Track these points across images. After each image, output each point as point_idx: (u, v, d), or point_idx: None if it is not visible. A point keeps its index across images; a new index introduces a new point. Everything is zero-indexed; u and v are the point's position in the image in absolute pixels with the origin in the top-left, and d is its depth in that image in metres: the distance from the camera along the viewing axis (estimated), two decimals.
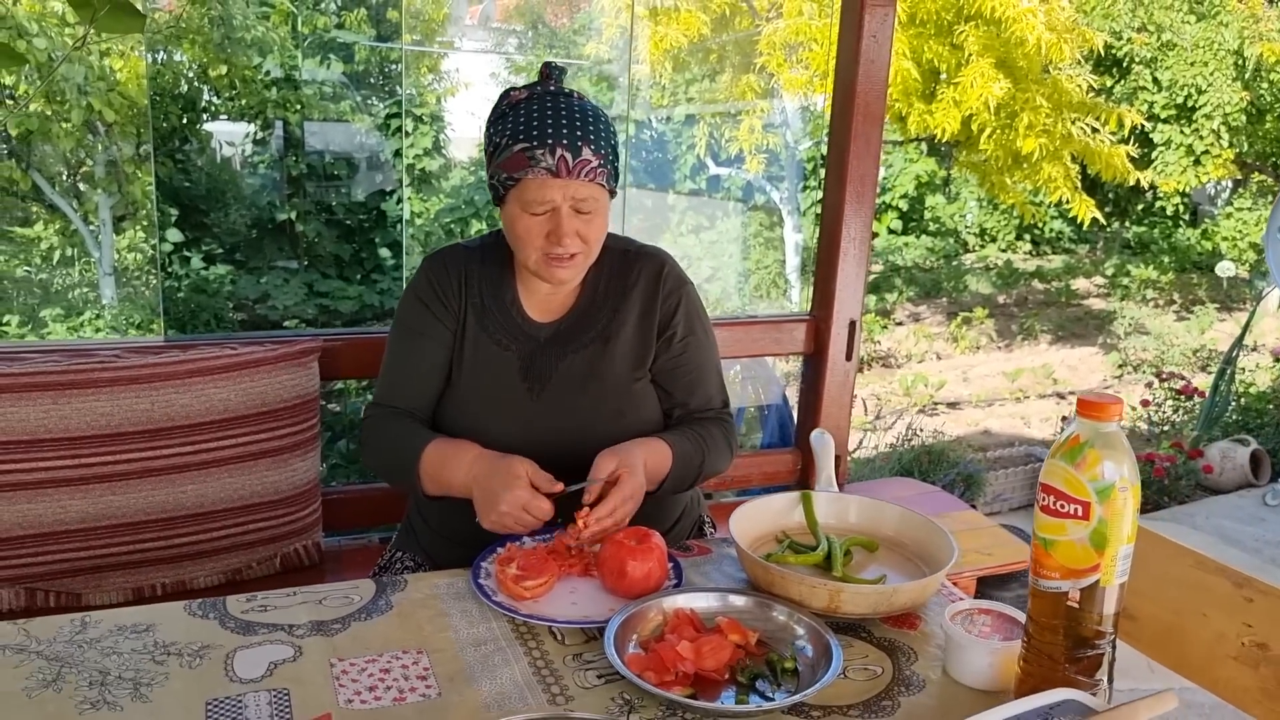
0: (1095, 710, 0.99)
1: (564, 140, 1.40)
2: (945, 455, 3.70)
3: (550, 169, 1.39)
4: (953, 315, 9.37)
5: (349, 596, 1.27)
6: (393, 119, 8.45)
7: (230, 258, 8.03)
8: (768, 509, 1.43)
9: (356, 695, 1.06)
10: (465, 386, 1.54)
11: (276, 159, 7.90)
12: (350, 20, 7.85)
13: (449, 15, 9.42)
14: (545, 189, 1.41)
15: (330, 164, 8.15)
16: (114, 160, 5.79)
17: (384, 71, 8.62)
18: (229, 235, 8.00)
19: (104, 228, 6.17)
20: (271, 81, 7.17)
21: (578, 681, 1.11)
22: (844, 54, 2.22)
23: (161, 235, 7.10)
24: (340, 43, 7.76)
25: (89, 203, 6.12)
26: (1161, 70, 8.99)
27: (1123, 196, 12.04)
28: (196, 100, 6.18)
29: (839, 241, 2.28)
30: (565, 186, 1.41)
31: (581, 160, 1.40)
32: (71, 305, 6.20)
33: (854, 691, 1.11)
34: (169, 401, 1.78)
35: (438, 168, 8.83)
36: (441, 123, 8.84)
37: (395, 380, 1.57)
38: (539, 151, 1.39)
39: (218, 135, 7.24)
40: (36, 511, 1.72)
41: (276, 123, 7.43)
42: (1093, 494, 0.98)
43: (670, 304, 1.56)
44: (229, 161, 8.03)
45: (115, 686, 1.06)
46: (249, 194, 8.04)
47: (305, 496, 1.92)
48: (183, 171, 7.25)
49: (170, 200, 7.07)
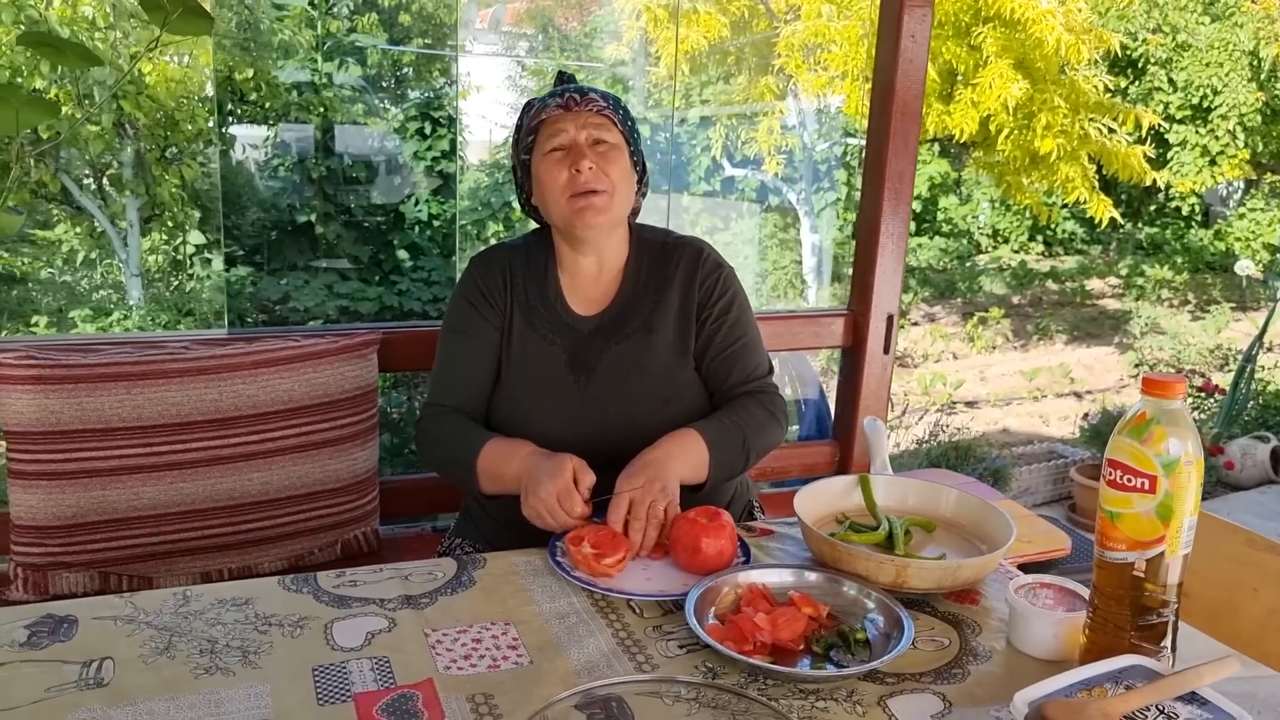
0: (1161, 674, 1.04)
1: (570, 91, 1.55)
2: (972, 451, 3.74)
3: (560, 105, 1.54)
4: (968, 315, 9.40)
5: (433, 573, 1.32)
6: (411, 122, 8.53)
7: (250, 259, 8.11)
8: (828, 491, 1.49)
9: (453, 663, 1.11)
10: (514, 381, 1.60)
11: (297, 161, 7.98)
12: (362, 24, 7.92)
13: (460, 19, 9.49)
14: (559, 122, 1.53)
15: (350, 167, 8.23)
16: (143, 162, 5.86)
17: (397, 75, 8.70)
18: (249, 237, 8.08)
19: (131, 229, 6.25)
20: (293, 85, 7.24)
21: (660, 651, 1.16)
22: (883, 54, 2.27)
23: (183, 237, 7.19)
24: (357, 46, 7.84)
25: (115, 205, 6.20)
26: (1177, 71, 9.02)
27: (1135, 197, 12.06)
28: (223, 103, 6.26)
29: (877, 237, 2.33)
30: (576, 117, 1.53)
31: (589, 99, 1.54)
32: (99, 306, 6.27)
33: (924, 660, 1.16)
34: (236, 392, 1.84)
35: (455, 170, 8.90)
36: (459, 126, 8.91)
37: (447, 379, 1.63)
38: (550, 100, 1.55)
39: (241, 138, 7.32)
40: (110, 498, 1.78)
41: (298, 126, 7.50)
42: (1159, 468, 1.03)
43: (709, 285, 1.62)
44: (250, 164, 8.11)
45: (224, 654, 1.11)
46: (269, 196, 8.12)
47: (364, 485, 1.98)
48: (205, 174, 7.33)
49: (192, 202, 7.15)
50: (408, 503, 2.14)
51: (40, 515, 1.75)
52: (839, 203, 8.97)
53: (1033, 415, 6.63)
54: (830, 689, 1.10)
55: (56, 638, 1.13)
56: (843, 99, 6.75)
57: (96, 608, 1.20)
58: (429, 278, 8.50)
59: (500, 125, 9.05)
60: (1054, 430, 6.23)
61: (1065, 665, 1.14)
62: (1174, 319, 9.18)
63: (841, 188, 9.03)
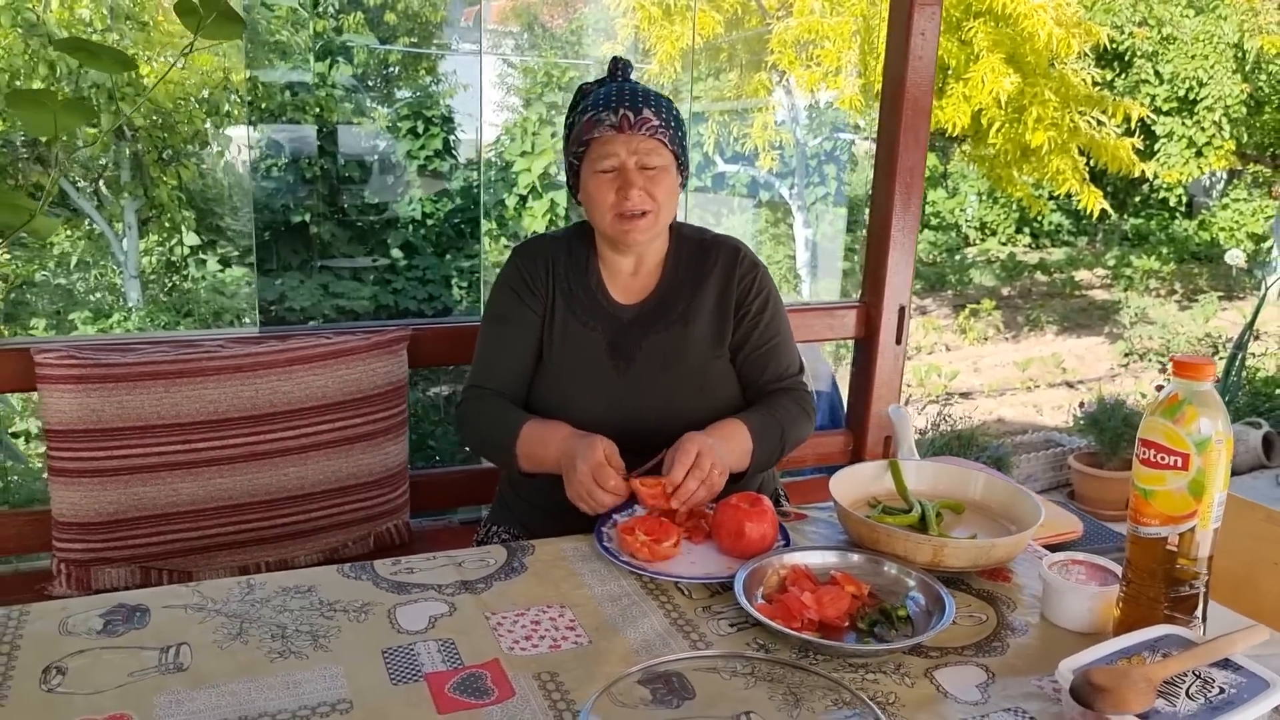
0: (1195, 642, 1.09)
1: (626, 103, 1.56)
2: (975, 439, 3.81)
3: (614, 125, 1.55)
4: (959, 307, 9.49)
5: (484, 560, 1.37)
6: (403, 121, 8.55)
7: (244, 260, 8.13)
8: (859, 476, 1.54)
9: (516, 644, 1.16)
10: (556, 366, 1.65)
11: (290, 162, 7.99)
12: (348, 23, 7.94)
13: (445, 18, 9.50)
14: (610, 144, 1.55)
15: (343, 166, 8.25)
16: (141, 164, 5.87)
17: (384, 74, 8.72)
18: (244, 237, 8.09)
19: (129, 231, 6.25)
20: (286, 85, 7.26)
21: (713, 630, 1.21)
22: (893, 51, 2.32)
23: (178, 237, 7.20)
24: (348, 46, 7.85)
25: (114, 207, 6.20)
26: (1163, 63, 9.11)
27: (1121, 189, 12.17)
28: (220, 105, 6.27)
29: (889, 230, 2.38)
30: (629, 141, 1.55)
31: (643, 118, 1.55)
32: (98, 308, 6.28)
33: (965, 635, 1.22)
34: (272, 389, 1.88)
35: (448, 169, 8.93)
36: (452, 124, 8.94)
37: (489, 363, 1.67)
38: (604, 113, 1.55)
39: (235, 139, 7.33)
40: (150, 494, 1.82)
41: (292, 126, 7.51)
42: (1192, 446, 1.09)
43: (746, 283, 1.68)
44: (245, 165, 8.12)
45: (295, 639, 1.16)
46: (263, 197, 8.13)
47: (396, 478, 2.02)
48: (200, 175, 7.34)
49: (187, 203, 7.16)
50: (436, 496, 2.18)
51: (82, 512, 1.79)
52: (829, 197, 9.03)
53: (1027, 405, 6.72)
54: (878, 662, 1.15)
55: (131, 625, 1.17)
56: (836, 94, 6.80)
57: (165, 597, 1.24)
58: (424, 276, 8.52)
59: (489, 124, 9.07)
60: (1048, 419, 6.31)
61: (1099, 637, 1.19)
62: (1162, 308, 9.29)
63: (832, 182, 9.10)
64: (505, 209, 8.73)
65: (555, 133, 8.30)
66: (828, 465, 2.57)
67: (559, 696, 1.06)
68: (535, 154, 8.47)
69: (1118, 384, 7.21)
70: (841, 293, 8.49)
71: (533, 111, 8.67)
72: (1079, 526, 2.22)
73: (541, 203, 8.26)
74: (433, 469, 2.32)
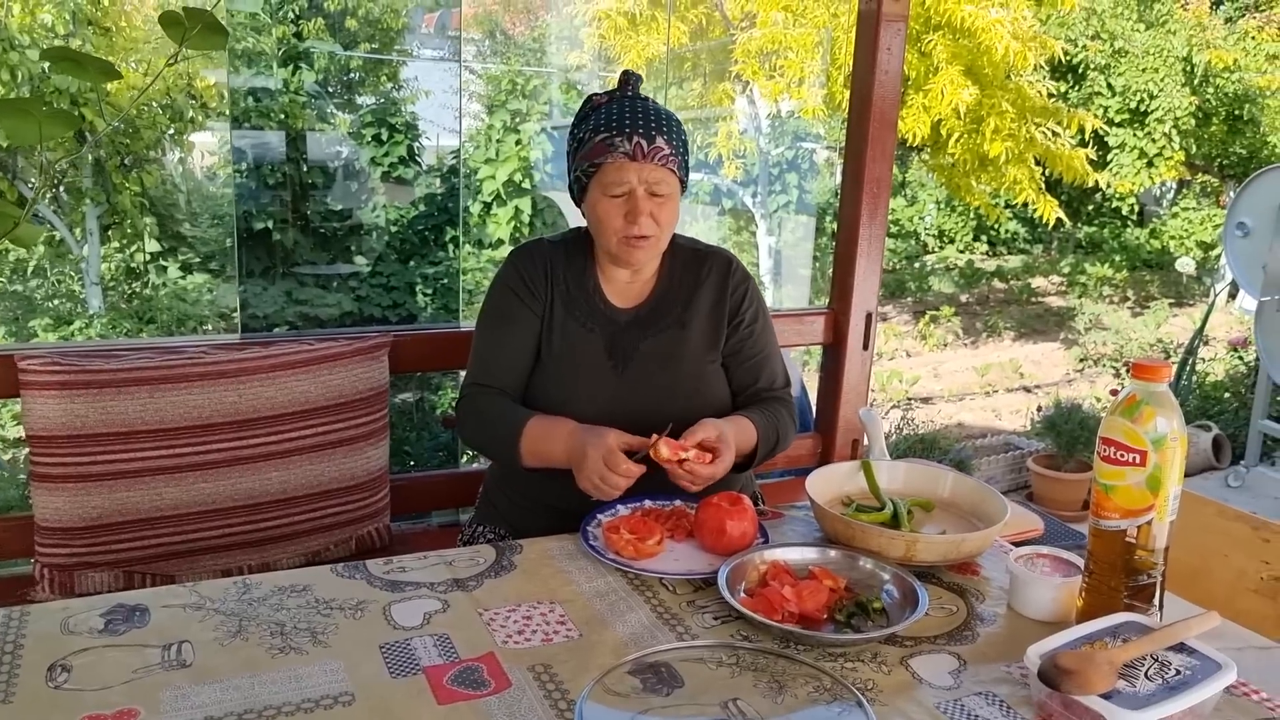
0: (1153, 628, 1.16)
1: (640, 129, 1.59)
2: (937, 443, 3.89)
3: (627, 153, 1.57)
4: (919, 314, 9.64)
5: (474, 559, 1.41)
6: (367, 128, 8.53)
7: (206, 266, 8.07)
8: (834, 475, 1.60)
9: (510, 638, 1.20)
10: (555, 365, 1.70)
11: (254, 168, 7.95)
12: (308, 29, 7.91)
13: (406, 24, 9.50)
14: (623, 171, 1.58)
15: (306, 173, 8.21)
16: (103, 170, 5.83)
17: (345, 80, 8.69)
18: (205, 244, 8.03)
19: (90, 237, 6.19)
20: (249, 91, 7.22)
21: (698, 623, 1.26)
22: (860, 65, 2.39)
23: (139, 244, 7.13)
24: (310, 52, 7.82)
25: (74, 213, 6.14)
26: (1115, 76, 9.34)
27: (1075, 197, 12.43)
28: (184, 111, 6.23)
29: (856, 239, 2.45)
30: (640, 169, 1.58)
31: (655, 147, 1.58)
32: (58, 315, 6.21)
33: (937, 625, 1.28)
34: (255, 394, 1.90)
35: (413, 176, 8.92)
36: (416, 131, 8.93)
37: (488, 361, 1.72)
38: (617, 139, 1.58)
39: (199, 145, 7.28)
40: (133, 499, 1.83)
41: (255, 132, 7.47)
42: (1149, 444, 1.16)
43: (739, 294, 1.74)
44: (206, 171, 8.06)
45: (294, 635, 1.19)
46: (225, 203, 8.08)
47: (377, 483, 2.05)
48: (162, 181, 7.28)
49: (149, 209, 7.09)
50: (415, 499, 2.21)
51: (65, 517, 1.80)
52: (791, 205, 9.14)
53: (986, 409, 6.85)
54: (856, 652, 1.21)
55: (132, 624, 1.20)
56: (799, 104, 6.91)
57: (163, 597, 1.27)
58: (388, 283, 8.49)
59: (449, 130, 9.07)
60: (1006, 423, 6.44)
61: (1063, 626, 1.25)
62: (1115, 315, 9.50)
63: (794, 190, 9.20)
64: (470, 216, 8.74)
65: (519, 140, 8.33)
66: (797, 468, 2.64)
67: (553, 687, 1.10)
68: (499, 161, 8.49)
69: (1074, 388, 7.37)
70: (808, 300, 8.59)
71: (496, 119, 8.68)
72: (1040, 525, 2.30)
73: (505, 210, 8.28)
74: (412, 473, 2.35)
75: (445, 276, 8.15)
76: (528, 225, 8.19)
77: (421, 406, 5.65)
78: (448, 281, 8.12)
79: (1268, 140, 9.95)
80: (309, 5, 7.73)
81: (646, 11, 7.05)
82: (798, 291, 8.96)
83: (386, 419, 2.07)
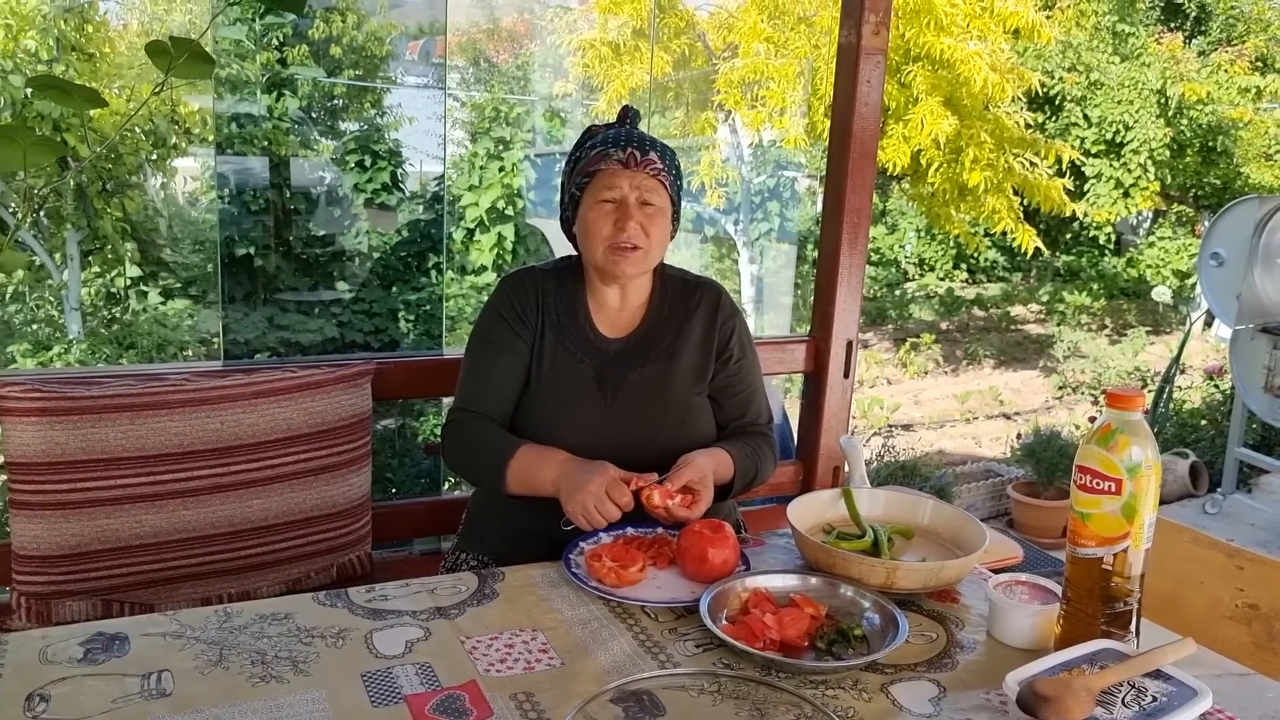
0: (1129, 655, 1.17)
1: (635, 144, 1.65)
2: (918, 470, 3.91)
3: (621, 160, 1.63)
4: (900, 341, 9.70)
5: (456, 587, 1.41)
6: (350, 155, 8.55)
7: (187, 292, 8.04)
8: (815, 503, 1.61)
9: (492, 666, 1.20)
10: (544, 393, 1.71)
11: (236, 194, 7.95)
12: (292, 56, 7.95)
13: (391, 52, 9.56)
14: (615, 177, 1.63)
15: (289, 198, 8.21)
16: (84, 195, 5.81)
17: (329, 107, 8.72)
18: (186, 269, 8.00)
19: (71, 263, 6.16)
20: (233, 117, 7.24)
21: (680, 651, 1.26)
22: (840, 97, 2.43)
23: (120, 269, 7.11)
24: (295, 79, 7.85)
25: (55, 238, 6.12)
26: (1091, 108, 9.48)
27: (1053, 226, 12.57)
28: (167, 137, 6.23)
29: (837, 268, 2.47)
30: (632, 177, 1.63)
31: (648, 159, 1.64)
32: (37, 340, 6.17)
33: (917, 652, 1.29)
34: (237, 421, 1.90)
35: (396, 202, 8.94)
36: (399, 157, 8.96)
37: (476, 387, 1.72)
38: (612, 149, 1.64)
39: (182, 170, 7.28)
40: (113, 527, 1.82)
41: (238, 158, 7.48)
42: (1124, 472, 1.17)
43: (727, 329, 1.76)
44: (189, 196, 8.05)
45: (275, 664, 1.19)
46: (207, 229, 8.06)
47: (359, 510, 2.05)
48: (144, 206, 7.26)
49: (131, 235, 7.07)
50: (397, 527, 2.20)
51: (44, 545, 1.79)
52: (772, 233, 9.21)
53: (966, 437, 6.88)
54: (837, 679, 1.21)
55: (112, 654, 1.19)
56: (781, 133, 6.98)
57: (143, 625, 1.26)
58: (370, 309, 8.48)
59: (432, 156, 9.10)
60: (987, 450, 6.47)
61: (1042, 653, 1.27)
62: (1093, 343, 9.60)
63: (775, 218, 9.27)
64: (453, 242, 8.75)
65: (503, 167, 8.36)
66: (779, 495, 2.65)
67: (535, 715, 1.10)
68: (483, 188, 8.52)
69: (1052, 415, 7.42)
70: (790, 327, 8.64)
71: (480, 145, 8.72)
72: (1019, 552, 2.32)
73: (489, 236, 8.31)
74: (394, 500, 2.34)
75: (428, 303, 8.15)
76: (511, 252, 8.21)
77: (404, 433, 5.63)
78: (430, 308, 8.11)
79: (1241, 171, 10.11)
80: (294, 32, 7.76)
81: (630, 41, 7.12)
82: (779, 319, 9.00)
83: (369, 446, 2.07)
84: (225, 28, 6.64)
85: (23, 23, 5.10)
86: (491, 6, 10.35)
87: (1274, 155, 10.22)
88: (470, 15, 10.54)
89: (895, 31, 6.57)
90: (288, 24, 7.34)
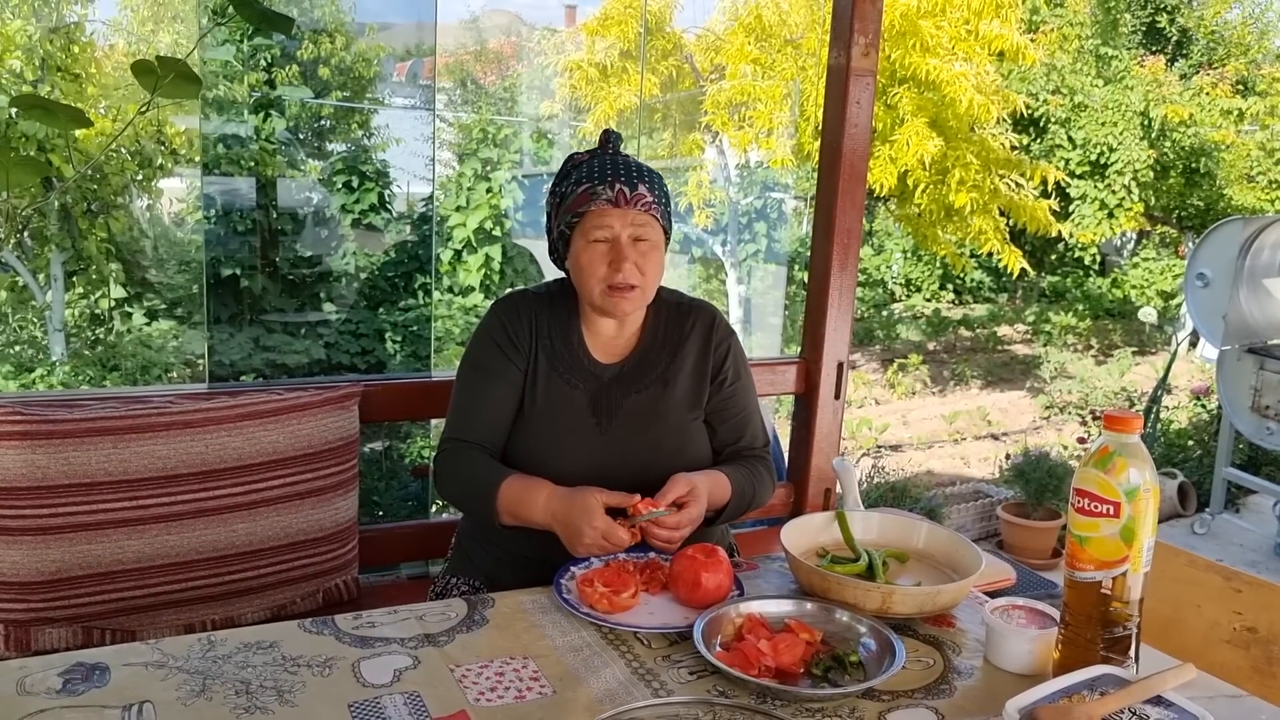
0: (1129, 681, 1.16)
1: (622, 178, 1.60)
2: (908, 491, 3.90)
3: (610, 199, 1.59)
4: (887, 362, 9.72)
5: (445, 614, 1.38)
6: (338, 175, 8.54)
7: (172, 313, 7.99)
8: (809, 527, 1.59)
9: (482, 695, 1.18)
10: (538, 420, 1.68)
11: (223, 215, 7.92)
12: (281, 77, 7.94)
13: (379, 73, 9.57)
14: (605, 217, 1.59)
15: (275, 219, 8.19)
16: (69, 215, 5.78)
17: (317, 128, 8.72)
18: (171, 290, 7.96)
19: (55, 283, 6.12)
20: (220, 137, 7.22)
21: (673, 678, 1.24)
22: (830, 119, 2.43)
23: (104, 290, 7.07)
24: (284, 99, 7.84)
25: (39, 259, 6.08)
26: (1075, 130, 9.56)
27: (1039, 247, 12.65)
28: (153, 157, 6.21)
29: (827, 289, 2.46)
30: (624, 215, 1.59)
31: (638, 194, 1.60)
32: (19, 362, 6.11)
33: (914, 678, 1.27)
34: (221, 444, 1.87)
35: (384, 223, 8.92)
36: (387, 179, 8.96)
37: (468, 415, 1.69)
38: (600, 187, 1.59)
39: (168, 191, 7.25)
40: (96, 552, 1.79)
41: (225, 179, 7.45)
42: (1122, 495, 1.16)
43: (721, 352, 1.74)
44: (175, 217, 8.02)
45: (260, 694, 1.16)
46: (193, 250, 8.02)
47: (345, 534, 2.02)
48: (129, 227, 7.23)
49: (115, 256, 7.03)
50: (384, 551, 2.17)
51: (24, 571, 1.75)
52: (760, 254, 9.23)
53: (954, 457, 6.88)
54: (834, 706, 1.19)
55: (92, 684, 1.16)
56: (768, 154, 7.00)
57: (125, 655, 1.23)
58: (357, 330, 8.44)
59: (419, 177, 9.10)
60: (975, 471, 6.47)
61: (1040, 679, 1.25)
62: (1080, 363, 9.63)
63: (762, 239, 9.30)
64: (441, 263, 8.73)
65: (491, 188, 8.36)
66: (770, 517, 2.63)
67: None
68: (470, 209, 8.51)
69: (1040, 435, 7.43)
70: (779, 347, 8.64)
71: (467, 166, 8.72)
72: (1013, 574, 2.30)
73: (476, 257, 8.29)
74: (381, 524, 2.31)
75: (415, 324, 8.11)
76: (498, 273, 8.19)
77: (391, 455, 5.59)
78: (418, 329, 8.08)
79: (1223, 193, 10.20)
80: (282, 53, 7.76)
81: (617, 63, 7.15)
82: (768, 339, 9.01)
83: (356, 469, 2.04)
84: (213, 49, 6.63)
85: (7, 43, 5.08)
86: (479, 28, 10.40)
87: (1256, 177, 10.32)
88: (458, 37, 10.58)
89: (881, 54, 6.62)
90: (276, 45, 7.34)
